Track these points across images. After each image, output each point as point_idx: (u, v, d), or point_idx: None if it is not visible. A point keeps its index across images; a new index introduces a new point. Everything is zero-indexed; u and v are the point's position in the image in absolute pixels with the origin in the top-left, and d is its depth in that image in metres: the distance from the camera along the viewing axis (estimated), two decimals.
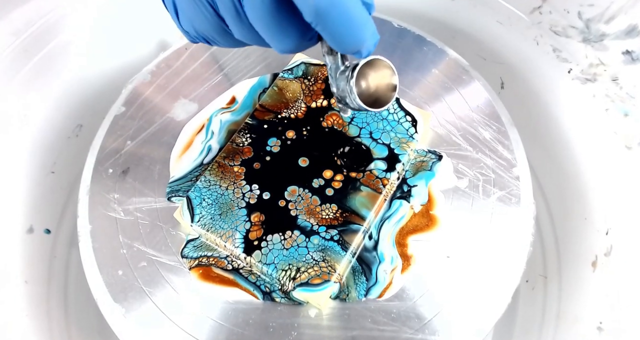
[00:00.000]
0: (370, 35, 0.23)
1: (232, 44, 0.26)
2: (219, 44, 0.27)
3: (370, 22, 0.22)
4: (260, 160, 0.35)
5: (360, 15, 0.21)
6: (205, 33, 0.26)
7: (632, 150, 0.41)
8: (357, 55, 0.24)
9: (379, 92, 0.30)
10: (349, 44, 0.22)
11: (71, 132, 0.50)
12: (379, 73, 0.30)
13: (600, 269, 0.42)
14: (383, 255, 0.33)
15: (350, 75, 0.27)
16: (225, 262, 0.33)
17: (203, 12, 0.24)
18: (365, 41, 0.23)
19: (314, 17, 0.21)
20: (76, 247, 0.36)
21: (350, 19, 0.21)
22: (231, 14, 0.23)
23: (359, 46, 0.23)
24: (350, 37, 0.22)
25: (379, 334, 0.31)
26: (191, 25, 0.26)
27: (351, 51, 0.23)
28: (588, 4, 0.41)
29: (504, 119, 0.39)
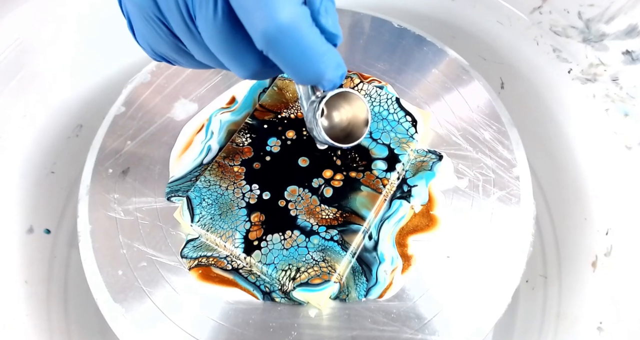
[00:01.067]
0: (332, 67, 0.21)
1: (194, 65, 0.25)
2: (180, 64, 0.25)
3: (331, 53, 0.21)
4: (260, 160, 0.35)
5: (316, 45, 0.20)
6: (163, 52, 0.24)
7: (632, 150, 0.41)
8: (320, 87, 0.22)
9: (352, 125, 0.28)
10: (305, 75, 0.21)
11: (71, 132, 0.50)
12: (354, 106, 0.28)
13: (600, 269, 0.42)
14: (383, 255, 0.33)
15: (317, 107, 0.25)
16: (224, 262, 0.33)
17: (157, 31, 0.23)
18: (326, 73, 0.21)
19: (264, 45, 0.19)
20: (76, 247, 0.36)
21: (304, 49, 0.19)
22: (186, 35, 0.22)
23: (318, 78, 0.21)
24: (306, 68, 0.20)
25: (379, 334, 0.31)
26: (147, 44, 0.24)
27: (309, 83, 0.21)
28: (588, 4, 0.41)
29: (504, 119, 0.39)
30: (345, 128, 0.29)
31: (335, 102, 0.28)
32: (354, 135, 0.28)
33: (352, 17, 0.45)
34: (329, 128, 0.29)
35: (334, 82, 0.22)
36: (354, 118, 0.28)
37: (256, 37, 0.19)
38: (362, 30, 0.44)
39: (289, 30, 0.19)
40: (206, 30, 0.20)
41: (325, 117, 0.29)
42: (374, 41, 0.43)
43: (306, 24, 0.19)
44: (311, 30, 0.19)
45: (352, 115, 0.28)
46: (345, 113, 0.28)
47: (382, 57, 0.42)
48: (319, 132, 0.26)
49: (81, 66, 0.49)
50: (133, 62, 0.52)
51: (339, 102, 0.28)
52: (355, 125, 0.28)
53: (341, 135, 0.28)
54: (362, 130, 0.28)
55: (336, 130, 0.29)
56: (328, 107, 0.28)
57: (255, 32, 0.19)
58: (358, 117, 0.28)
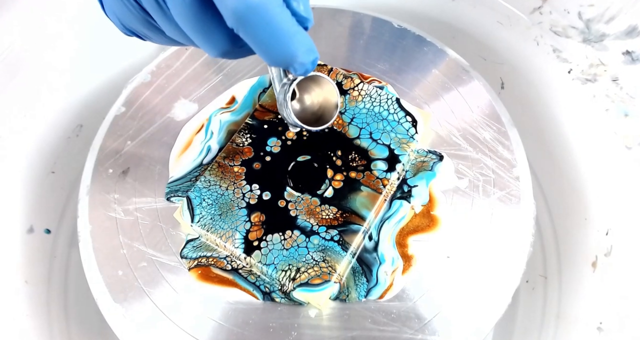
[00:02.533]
0: (302, 50, 0.21)
1: (165, 41, 0.24)
2: (151, 39, 0.25)
3: (301, 35, 0.20)
4: (260, 161, 0.35)
5: (286, 25, 0.20)
6: (133, 27, 0.24)
7: (632, 150, 0.41)
8: (292, 71, 0.22)
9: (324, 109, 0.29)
10: (276, 56, 0.20)
11: (71, 132, 0.50)
12: (324, 89, 0.29)
13: (600, 269, 0.42)
14: (384, 256, 0.33)
15: (287, 89, 0.26)
16: (224, 262, 0.33)
17: (126, 4, 0.22)
18: (297, 56, 0.21)
19: (234, 22, 0.19)
20: (76, 247, 0.36)
21: (273, 29, 0.19)
22: (155, 10, 0.21)
23: (289, 60, 0.21)
24: (276, 48, 0.20)
25: (379, 334, 0.31)
26: (116, 18, 0.24)
27: (280, 64, 0.21)
28: (588, 4, 0.41)
29: (504, 119, 0.39)
30: (316, 112, 0.29)
31: (307, 85, 0.28)
32: (325, 119, 0.29)
33: (353, 18, 0.45)
34: (300, 111, 0.29)
35: (306, 67, 0.21)
36: (325, 102, 0.29)
37: (227, 14, 0.19)
38: (362, 31, 0.44)
39: (259, 8, 0.19)
40: (175, 6, 0.20)
41: (297, 100, 0.29)
42: (374, 41, 0.43)
43: (276, 4, 0.19)
44: (281, 10, 0.20)
45: (323, 99, 0.29)
46: (317, 97, 0.29)
47: (382, 57, 0.42)
48: (289, 114, 0.26)
49: (81, 66, 0.49)
50: (133, 62, 0.52)
51: (310, 86, 0.28)
52: (326, 109, 0.29)
53: (312, 119, 0.29)
54: (332, 113, 0.29)
55: (307, 113, 0.29)
56: (300, 91, 0.29)
57: (225, 10, 0.19)
58: (329, 101, 0.29)
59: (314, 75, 0.27)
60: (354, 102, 0.37)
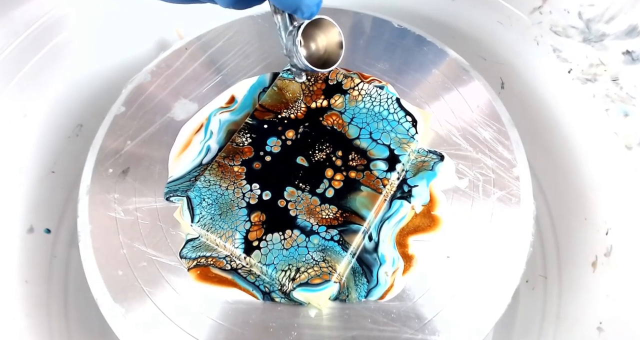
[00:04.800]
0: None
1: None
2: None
3: None
4: (260, 160, 0.35)
5: None
6: None
7: (632, 150, 0.41)
8: (299, 15, 0.24)
9: (329, 53, 0.31)
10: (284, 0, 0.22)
11: (71, 132, 0.50)
12: (327, 34, 0.30)
13: (600, 269, 0.42)
14: (384, 257, 0.33)
15: (295, 34, 0.27)
16: (223, 262, 0.33)
17: None
18: None
19: None
20: (76, 247, 0.36)
21: None
22: None
23: (297, 3, 0.23)
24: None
25: (379, 334, 0.31)
26: None
27: (289, 8, 0.23)
28: (588, 4, 0.41)
29: (504, 119, 0.39)
30: (322, 56, 0.31)
31: (310, 31, 0.30)
32: (331, 61, 0.30)
33: (353, 17, 0.45)
34: (307, 57, 0.30)
35: (312, 10, 0.24)
36: (329, 45, 0.30)
37: None
38: (362, 30, 0.44)
39: None
40: None
41: (303, 47, 0.30)
42: (374, 41, 0.43)
43: None
44: None
45: (327, 42, 0.30)
46: (321, 41, 0.30)
47: (382, 57, 0.42)
48: (299, 58, 0.28)
49: (81, 66, 0.49)
50: (133, 62, 0.52)
51: (314, 31, 0.30)
52: (331, 52, 0.31)
53: (318, 63, 0.30)
54: (338, 54, 0.30)
55: (313, 58, 0.31)
56: (304, 37, 0.30)
57: None
58: (333, 43, 0.30)
59: (317, 19, 0.28)
60: (354, 101, 0.37)
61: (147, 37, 0.52)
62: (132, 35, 0.51)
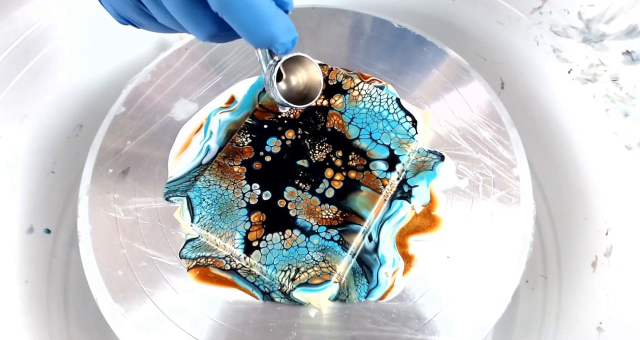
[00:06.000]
0: (282, 31, 0.23)
1: (157, 28, 0.26)
2: (144, 27, 0.27)
3: (281, 18, 0.23)
4: (260, 160, 0.35)
5: (267, 8, 0.22)
6: (127, 15, 0.26)
7: (632, 150, 0.41)
8: (274, 51, 0.24)
9: (309, 88, 0.31)
10: (258, 37, 0.23)
11: (71, 132, 0.50)
12: (309, 70, 0.31)
13: (600, 269, 0.42)
14: (384, 257, 0.33)
15: (272, 70, 0.28)
16: (223, 262, 0.33)
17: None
18: (278, 37, 0.23)
19: (218, 7, 0.21)
20: (76, 247, 0.36)
21: (255, 11, 0.21)
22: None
23: (270, 41, 0.23)
24: (258, 31, 0.22)
25: (379, 334, 0.31)
26: (111, 6, 0.26)
27: (262, 45, 0.23)
28: (588, 4, 0.41)
29: (504, 119, 0.39)
30: (302, 91, 0.31)
31: (293, 67, 0.31)
32: (310, 97, 0.31)
33: (353, 18, 0.45)
34: (287, 91, 0.31)
35: (287, 47, 0.24)
36: (310, 81, 0.31)
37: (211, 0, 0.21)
38: (362, 31, 0.44)
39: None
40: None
41: (284, 81, 0.31)
42: (374, 41, 0.43)
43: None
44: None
45: (309, 78, 0.31)
46: (302, 77, 0.31)
47: (382, 57, 0.42)
48: (275, 93, 0.28)
49: (81, 66, 0.49)
50: (133, 62, 0.52)
51: (296, 67, 0.31)
52: (311, 89, 0.31)
53: (298, 98, 0.31)
54: (317, 91, 0.31)
55: (293, 92, 0.31)
56: (287, 72, 0.31)
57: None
58: (314, 81, 0.31)
59: (299, 57, 0.29)
60: (354, 101, 0.37)
61: (147, 37, 0.52)
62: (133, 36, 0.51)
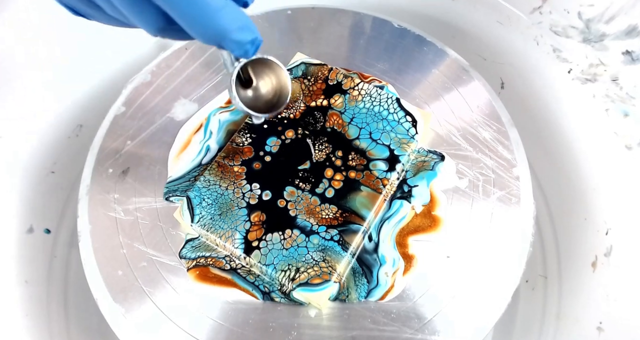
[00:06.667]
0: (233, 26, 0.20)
1: (108, 20, 0.24)
2: (94, 18, 0.24)
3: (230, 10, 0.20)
4: (260, 160, 0.35)
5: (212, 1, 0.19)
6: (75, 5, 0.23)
7: (632, 150, 0.41)
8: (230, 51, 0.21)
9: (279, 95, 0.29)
10: (204, 31, 0.20)
11: (71, 132, 0.50)
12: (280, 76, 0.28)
13: (600, 269, 0.42)
14: (384, 257, 0.33)
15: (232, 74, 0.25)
16: (223, 262, 0.33)
17: None
18: (228, 32, 0.20)
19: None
20: (76, 247, 0.36)
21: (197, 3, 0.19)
22: None
23: (219, 37, 0.20)
24: (202, 24, 0.19)
25: (379, 334, 0.31)
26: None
27: (211, 42, 0.21)
28: (588, 4, 0.41)
29: (504, 119, 0.39)
30: (271, 99, 0.29)
31: (262, 72, 0.28)
32: (278, 105, 0.29)
33: (353, 18, 0.45)
34: (253, 98, 0.29)
35: (244, 47, 0.21)
36: (279, 88, 0.29)
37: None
38: (362, 30, 0.44)
39: None
40: None
41: (253, 88, 0.29)
42: (374, 41, 0.43)
43: None
44: None
45: (277, 83, 0.29)
46: (272, 83, 0.29)
47: (382, 57, 0.42)
48: (234, 99, 0.26)
49: (81, 66, 0.49)
50: (133, 62, 0.52)
51: (265, 72, 0.28)
52: (281, 96, 0.29)
53: (265, 107, 0.29)
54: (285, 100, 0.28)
55: (261, 101, 0.29)
56: (257, 77, 0.28)
57: None
58: (285, 89, 0.29)
59: (266, 60, 0.26)
60: (354, 101, 0.37)
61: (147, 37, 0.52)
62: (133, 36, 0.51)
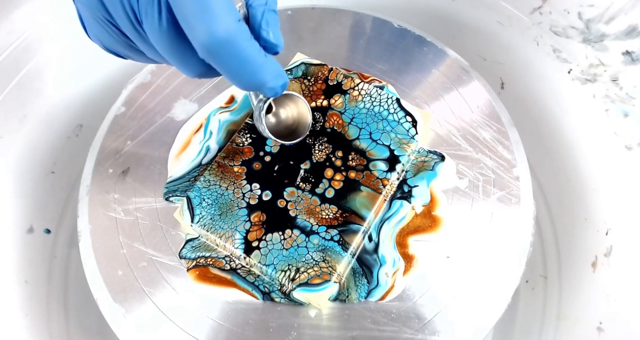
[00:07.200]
0: (271, 77, 0.22)
1: (146, 60, 0.26)
2: (133, 59, 0.26)
3: (269, 65, 0.22)
4: (260, 161, 0.35)
5: (254, 57, 0.21)
6: (115, 49, 0.25)
7: (632, 150, 0.41)
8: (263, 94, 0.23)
9: (298, 124, 0.32)
10: (246, 83, 0.22)
11: (71, 132, 0.50)
12: (299, 107, 0.32)
13: (600, 269, 0.42)
14: (384, 257, 0.33)
15: (262, 107, 0.28)
16: (223, 262, 0.33)
17: (107, 30, 0.24)
18: (266, 83, 0.22)
19: (205, 55, 0.21)
20: (76, 247, 0.36)
21: (242, 61, 0.21)
22: (135, 37, 0.23)
23: (258, 86, 0.23)
24: (245, 77, 0.22)
25: (379, 334, 0.31)
26: (99, 40, 0.25)
27: (250, 90, 0.23)
28: (588, 4, 0.41)
29: (504, 119, 0.39)
30: (290, 125, 0.32)
31: (283, 101, 0.31)
32: (298, 133, 0.32)
33: (353, 18, 0.45)
34: (275, 124, 0.32)
35: (275, 91, 0.23)
36: (299, 117, 0.32)
37: (197, 47, 0.21)
38: (362, 31, 0.44)
39: (226, 44, 0.20)
40: (153, 35, 0.22)
41: (273, 114, 0.32)
42: (374, 41, 0.43)
43: (243, 38, 0.21)
44: (248, 43, 0.21)
45: (298, 114, 0.32)
46: (291, 112, 0.32)
47: (382, 57, 0.42)
48: (263, 129, 0.29)
49: (81, 66, 0.49)
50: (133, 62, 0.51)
51: (286, 102, 0.31)
52: (300, 124, 0.32)
53: (286, 132, 0.32)
54: (305, 129, 0.32)
55: (282, 126, 0.32)
56: (276, 105, 0.31)
57: (196, 43, 0.21)
58: (303, 117, 0.32)
59: (289, 94, 0.29)
60: (354, 102, 0.37)
61: None
62: None
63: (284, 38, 0.23)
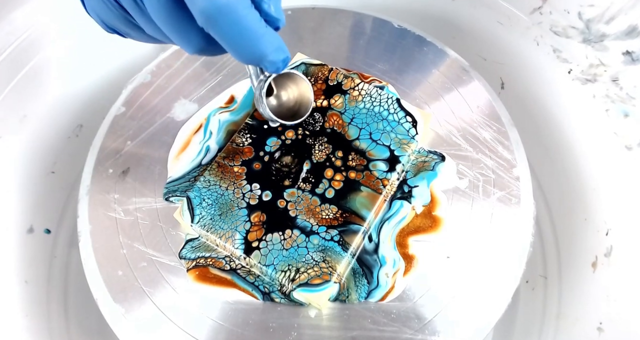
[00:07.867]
0: (271, 49, 0.22)
1: (145, 38, 0.26)
2: (132, 37, 0.26)
3: (269, 36, 0.22)
4: (260, 161, 0.35)
5: (254, 26, 0.21)
6: (113, 25, 0.25)
7: (632, 150, 0.41)
8: (264, 68, 0.23)
9: (300, 104, 0.31)
10: (245, 55, 0.22)
11: (71, 132, 0.50)
12: (300, 87, 0.31)
13: (600, 269, 0.42)
14: (385, 258, 0.33)
15: (262, 86, 0.28)
16: (222, 263, 0.33)
17: (106, 3, 0.23)
18: (267, 55, 0.22)
19: (203, 22, 0.20)
20: (76, 247, 0.36)
21: (241, 29, 0.21)
22: (133, 9, 0.22)
23: (258, 59, 0.22)
24: (245, 47, 0.21)
25: (379, 334, 0.31)
26: (97, 16, 0.25)
27: (250, 63, 0.23)
28: (588, 4, 0.41)
29: (504, 119, 0.39)
30: (292, 107, 0.32)
31: (284, 83, 0.30)
32: (300, 114, 0.31)
33: (353, 18, 0.45)
34: (277, 106, 0.31)
35: (277, 65, 0.23)
36: (300, 98, 0.31)
37: (196, 14, 0.20)
38: (362, 31, 0.44)
39: (227, 9, 0.20)
40: (151, 6, 0.21)
41: (274, 96, 0.31)
42: (374, 41, 0.43)
43: (243, 6, 0.20)
44: (249, 11, 0.21)
45: (299, 95, 0.31)
46: (293, 93, 0.31)
47: (382, 57, 0.42)
48: (264, 108, 0.28)
49: (81, 66, 0.49)
50: (133, 62, 0.52)
51: (287, 83, 0.31)
52: (302, 105, 0.32)
53: (288, 114, 0.31)
54: (307, 109, 0.31)
55: (283, 108, 0.31)
56: (277, 87, 0.31)
57: (195, 10, 0.20)
58: (305, 97, 0.31)
59: (290, 73, 0.28)
60: (354, 102, 0.37)
61: None
62: None
63: (284, 37, 0.23)
